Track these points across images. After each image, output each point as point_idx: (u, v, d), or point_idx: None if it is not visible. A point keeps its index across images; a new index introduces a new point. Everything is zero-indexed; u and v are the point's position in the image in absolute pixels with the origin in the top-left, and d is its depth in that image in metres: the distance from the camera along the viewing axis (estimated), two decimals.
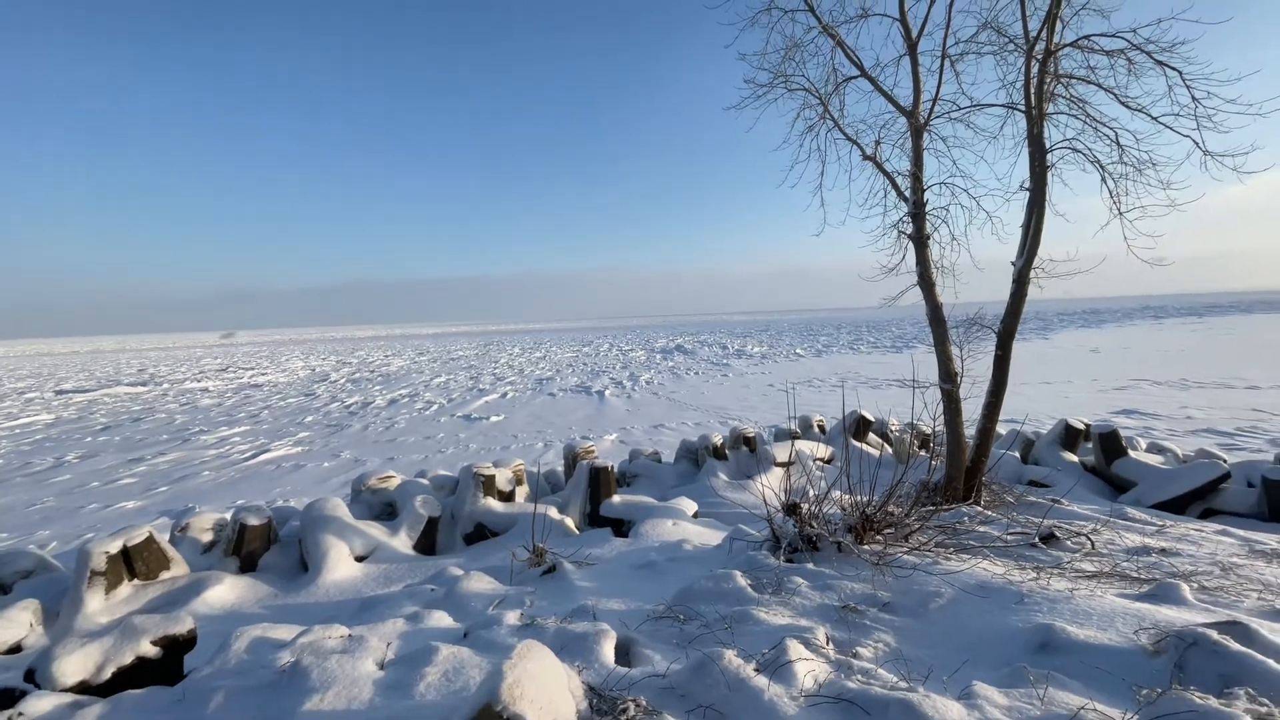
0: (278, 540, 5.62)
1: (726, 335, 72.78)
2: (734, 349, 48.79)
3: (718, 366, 35.36)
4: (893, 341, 50.03)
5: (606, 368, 36.98)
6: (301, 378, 37.32)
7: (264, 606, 4.74)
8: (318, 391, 29.57)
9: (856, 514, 4.39)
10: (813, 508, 4.45)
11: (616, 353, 50.40)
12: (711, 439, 8.08)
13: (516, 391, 27.10)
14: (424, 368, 42.04)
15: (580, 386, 28.38)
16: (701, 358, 41.98)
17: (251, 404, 25.67)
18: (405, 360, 50.33)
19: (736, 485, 6.95)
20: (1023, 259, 6.28)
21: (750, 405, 20.35)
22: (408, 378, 35.29)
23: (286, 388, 31.85)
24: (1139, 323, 62.72)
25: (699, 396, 23.28)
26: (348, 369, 43.01)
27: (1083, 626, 2.91)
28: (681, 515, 6.05)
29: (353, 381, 34.00)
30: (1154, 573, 4.02)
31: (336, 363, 50.02)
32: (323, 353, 66.73)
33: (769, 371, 31.76)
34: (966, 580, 3.56)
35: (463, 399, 25.13)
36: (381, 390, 29.29)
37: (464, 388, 29.20)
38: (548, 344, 68.66)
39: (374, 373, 39.27)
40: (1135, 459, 7.66)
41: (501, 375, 34.78)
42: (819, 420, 9.67)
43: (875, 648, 2.98)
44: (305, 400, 26.43)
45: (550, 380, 31.34)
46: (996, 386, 6.48)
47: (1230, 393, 19.16)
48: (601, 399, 23.87)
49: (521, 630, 3.20)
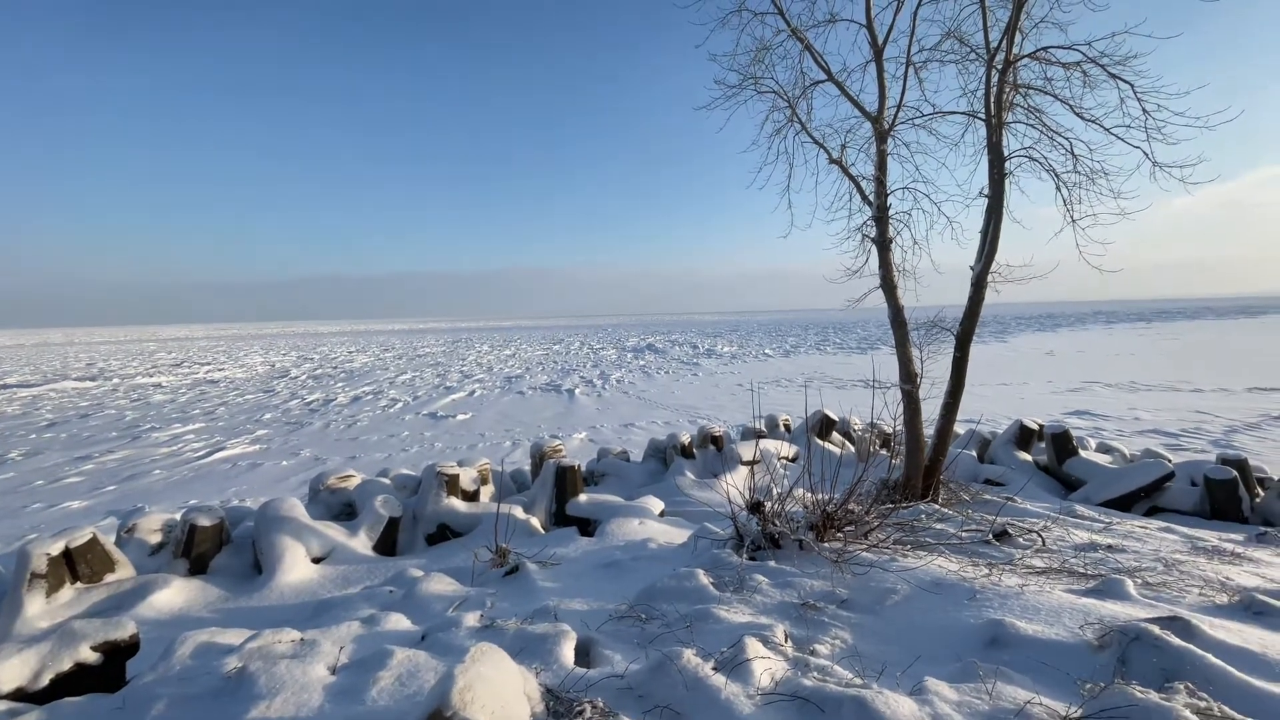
0: (230, 541, 5.45)
1: (698, 335, 73.19)
2: (704, 348, 49.11)
3: (688, 366, 35.55)
4: (858, 343, 51.00)
5: (577, 366, 36.83)
6: (261, 373, 36.30)
7: (214, 610, 4.59)
8: (277, 388, 28.80)
9: (818, 512, 4.44)
10: (776, 506, 4.49)
11: (587, 351, 50.21)
12: (680, 438, 8.13)
13: (485, 389, 26.81)
14: (389, 364, 41.29)
15: (550, 385, 28.19)
16: (672, 357, 42.14)
17: (207, 400, 24.87)
18: (370, 356, 49.39)
19: (703, 484, 6.98)
20: (981, 263, 6.44)
21: (719, 404, 20.50)
22: (372, 374, 34.62)
23: (244, 384, 30.95)
24: (1092, 327, 65.03)
25: (669, 395, 23.36)
26: (309, 365, 42.01)
27: (1031, 622, 2.99)
28: (648, 514, 6.05)
29: (314, 378, 33.21)
30: (1101, 569, 4.15)
31: (298, 358, 48.81)
32: (283, 348, 65.01)
33: (738, 371, 32.05)
34: (922, 577, 3.63)
35: (429, 397, 24.75)
36: (344, 387, 28.67)
37: (430, 385, 28.76)
38: (518, 341, 68.08)
39: (337, 369, 38.44)
40: (1085, 458, 7.93)
41: (470, 373, 34.36)
42: (785, 419, 9.80)
43: (832, 644, 3.02)
44: (264, 397, 25.72)
45: (520, 378, 31.09)
46: (955, 387, 6.63)
47: (1176, 395, 19.99)
48: (571, 397, 23.76)
49: (481, 632, 3.16)
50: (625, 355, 44.67)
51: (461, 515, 5.98)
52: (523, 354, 48.40)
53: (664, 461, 8.10)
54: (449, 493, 6.14)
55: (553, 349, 54.21)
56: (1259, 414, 16.26)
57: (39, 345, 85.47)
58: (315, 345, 69.63)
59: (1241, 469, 7.05)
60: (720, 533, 4.78)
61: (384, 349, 60.27)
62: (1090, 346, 41.05)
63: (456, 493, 6.22)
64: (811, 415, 8.90)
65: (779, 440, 8.64)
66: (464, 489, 6.29)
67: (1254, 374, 24.19)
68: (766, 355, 41.58)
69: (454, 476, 6.23)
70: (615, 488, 7.39)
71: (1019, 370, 28.18)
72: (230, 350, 61.95)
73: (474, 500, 6.37)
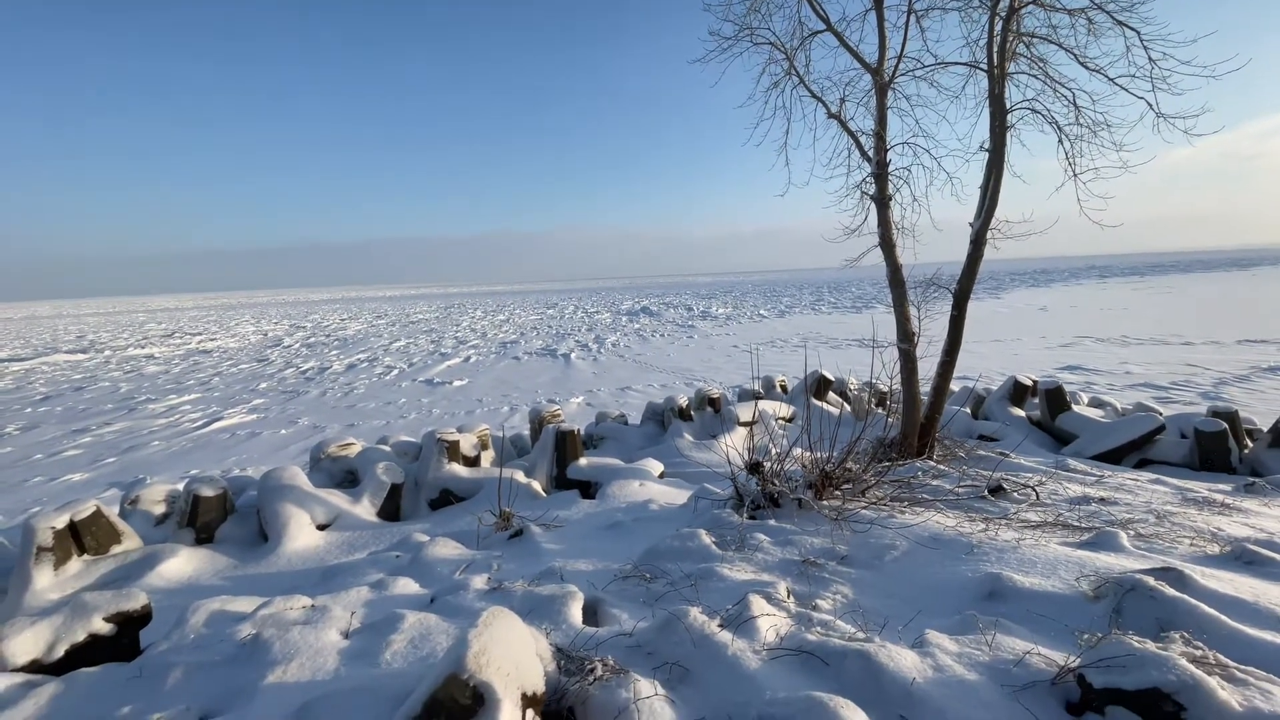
0: (234, 511, 5.48)
1: (692, 297, 72.98)
2: (699, 311, 49.05)
3: (683, 328, 35.26)
4: (853, 302, 51.00)
5: (572, 330, 36.75)
6: (253, 343, 36.08)
7: (223, 578, 4.65)
8: (271, 357, 28.67)
9: (816, 471, 4.49)
10: (775, 466, 4.54)
11: (582, 315, 50.06)
12: (677, 400, 8.17)
13: (480, 355, 26.78)
14: (382, 331, 41.06)
15: (545, 349, 28.07)
16: (667, 320, 42.11)
17: (201, 371, 24.76)
18: (362, 324, 49.09)
19: (702, 445, 7.03)
20: (980, 220, 6.38)
21: (715, 366, 20.60)
22: (366, 342, 34.46)
23: (238, 353, 30.79)
24: (1085, 282, 65.07)
25: (665, 358, 23.49)
26: (302, 333, 41.75)
27: (1028, 575, 3.06)
28: (648, 476, 6.12)
29: (308, 346, 33.05)
30: (1094, 521, 4.23)
31: (290, 327, 48.48)
32: (275, 317, 64.52)
33: (733, 333, 32.07)
34: (920, 533, 3.69)
35: (424, 363, 24.70)
36: (339, 355, 28.56)
37: (425, 352, 28.66)
38: (511, 306, 67.74)
39: (330, 337, 38.22)
40: (1078, 413, 8.02)
41: (464, 339, 34.22)
42: (781, 380, 9.83)
43: (834, 600, 3.08)
44: (258, 366, 25.62)
45: (514, 344, 31.03)
46: (951, 345, 6.64)
47: (1166, 349, 20.14)
48: (567, 362, 23.80)
49: (489, 594, 3.21)
50: (620, 319, 44.57)
51: (463, 480, 6.02)
52: (517, 319, 48.18)
53: (662, 424, 8.16)
54: (450, 458, 6.17)
55: (547, 313, 53.93)
56: (1248, 366, 16.43)
57: (27, 319, 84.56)
58: (307, 313, 69.11)
59: (1231, 421, 7.14)
60: (720, 493, 4.83)
61: (377, 316, 59.88)
62: (1083, 301, 41.13)
63: (457, 458, 6.25)
64: (808, 376, 8.91)
65: (776, 401, 8.68)
66: (464, 454, 6.32)
67: (1244, 326, 24.35)
68: (762, 316, 41.54)
69: (454, 442, 6.25)
70: (614, 451, 7.44)
71: (1013, 327, 28.27)
72: (221, 320, 61.43)
73: (475, 465, 6.41)
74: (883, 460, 5.75)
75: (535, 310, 59.11)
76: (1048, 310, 36.12)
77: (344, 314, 65.28)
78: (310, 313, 71.17)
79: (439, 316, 55.10)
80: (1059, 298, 45.63)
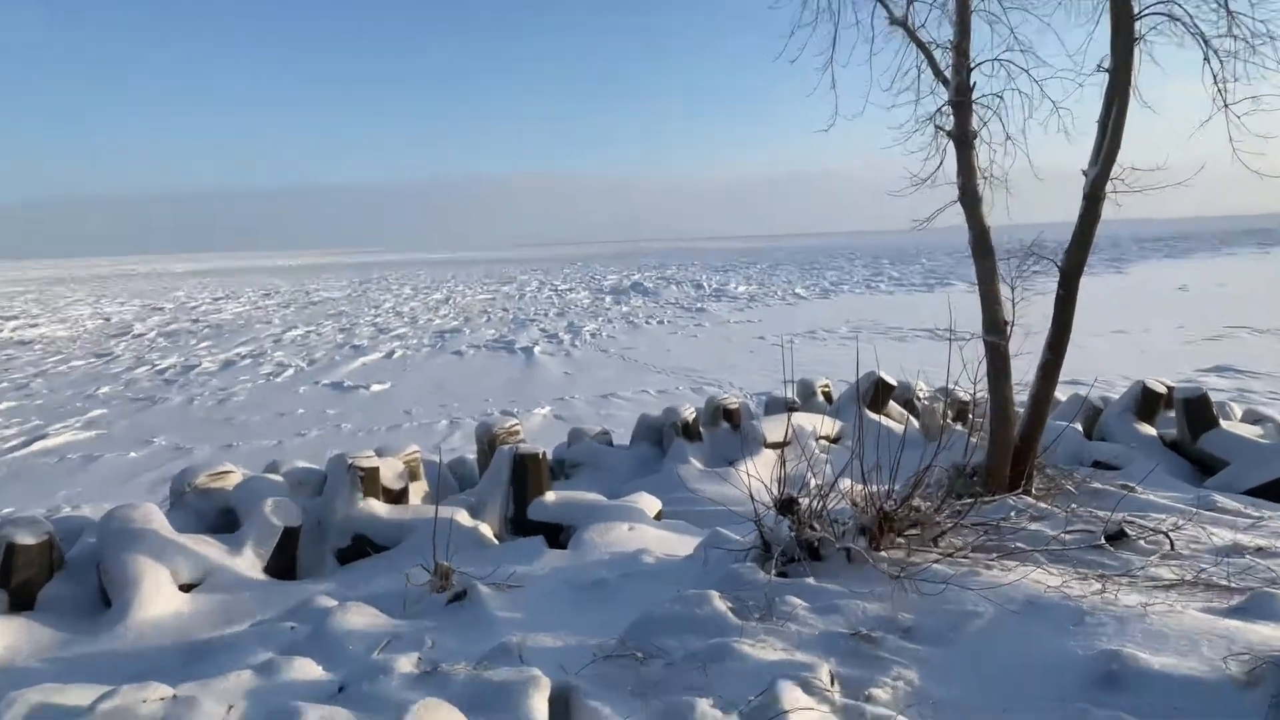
0: (64, 565, 5.45)
1: (702, 269, 72.82)
2: (712, 288, 49.29)
3: (690, 312, 35.87)
4: (923, 277, 51.41)
5: (537, 315, 36.84)
6: (91, 330, 35.92)
7: (48, 659, 4.62)
8: (116, 351, 28.55)
9: (872, 511, 4.48)
10: (815, 503, 4.52)
11: (550, 294, 50.06)
12: (681, 412, 8.22)
13: (408, 349, 26.85)
14: (272, 315, 40.95)
15: (499, 341, 28.38)
16: (668, 300, 42.35)
17: (16, 369, 24.61)
18: (244, 305, 48.91)
19: (714, 475, 7.06)
20: (1097, 166, 6.40)
21: (733, 365, 20.79)
22: (249, 330, 34.36)
23: (69, 345, 30.64)
24: (1239, 252, 65.73)
25: (664, 354, 23.73)
26: (160, 317, 41.60)
27: (1158, 652, 3.10)
28: (640, 517, 6.14)
29: (167, 336, 32.93)
30: (1248, 580, 4.25)
31: (142, 308, 48.27)
32: (120, 294, 64.15)
33: (759, 319, 32.32)
34: (1012, 595, 3.70)
35: (331, 360, 24.67)
36: (211, 348, 28.46)
37: (332, 344, 28.62)
38: (452, 281, 67.68)
39: (199, 323, 38.11)
40: (1228, 431, 8.11)
41: (387, 326, 34.27)
42: (824, 385, 9.92)
43: (895, 688, 3.10)
44: (98, 363, 25.51)
45: (457, 333, 31.08)
46: (1057, 338, 6.66)
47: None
48: (530, 358, 23.93)
49: (420, 681, 3.22)
50: (602, 299, 44.73)
51: (384, 523, 6.00)
52: (460, 299, 48.23)
53: (659, 445, 8.23)
54: (366, 492, 6.15)
55: (501, 291, 53.92)
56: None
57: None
58: (167, 290, 68.79)
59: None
60: (739, 540, 4.85)
61: (264, 293, 59.68)
62: (1236, 278, 41.56)
63: (376, 492, 6.23)
64: (861, 379, 8.98)
65: (816, 414, 8.72)
66: (386, 486, 6.30)
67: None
68: (798, 297, 41.90)
69: (372, 470, 6.23)
70: (594, 481, 7.50)
71: (1140, 312, 28.58)
72: (44, 298, 61.05)
73: (401, 502, 6.40)
74: (962, 496, 5.72)
75: (485, 287, 59.08)
76: (1188, 290, 36.53)
77: (218, 291, 65.03)
78: (172, 288, 70.88)
79: (352, 295, 55.00)
80: (1203, 273, 46.12)
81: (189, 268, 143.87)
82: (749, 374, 19.68)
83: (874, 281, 51.12)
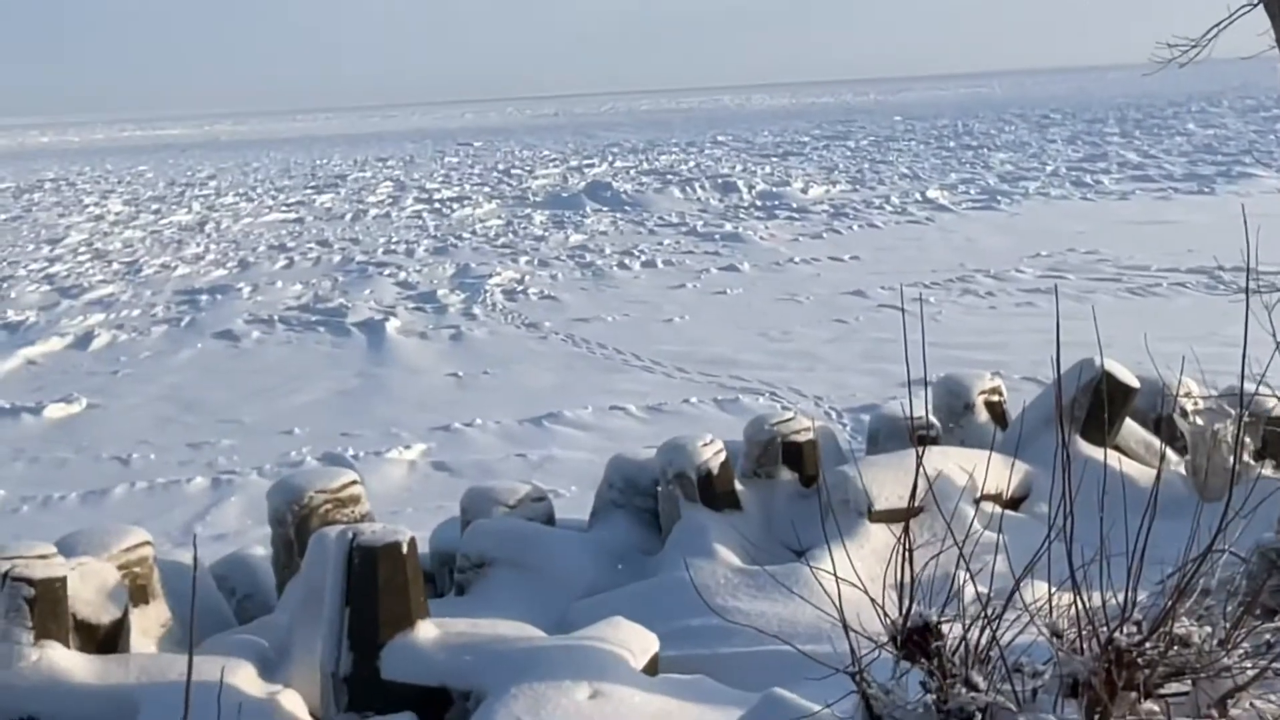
0: None
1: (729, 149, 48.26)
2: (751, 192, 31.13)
3: (710, 242, 22.89)
4: (1188, 163, 32.49)
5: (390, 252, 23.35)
6: None
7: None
8: None
9: (1093, 646, 3.24)
10: (975, 633, 3.25)
11: (415, 204, 32.45)
12: (695, 451, 5.89)
13: (125, 328, 16.70)
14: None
15: (314, 309, 17.70)
16: (662, 216, 27.18)
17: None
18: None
19: (765, 578, 5.12)
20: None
21: (802, 352, 13.17)
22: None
23: None
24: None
25: (656, 332, 14.83)
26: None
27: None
28: (614, 668, 4.34)
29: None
30: None
31: None
32: None
33: (853, 253, 20.44)
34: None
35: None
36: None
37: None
38: (211, 181, 43.80)
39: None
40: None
41: (76, 279, 21.43)
42: (989, 389, 7.10)
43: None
44: None
45: (224, 293, 19.27)
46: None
47: None
48: (377, 344, 15.00)
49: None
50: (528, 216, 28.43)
51: (77, 695, 4.38)
52: (228, 219, 30.66)
53: (651, 518, 6.12)
54: (39, 631, 4.44)
55: (315, 203, 34.31)
56: None
57: None
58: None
59: None
60: (816, 711, 3.53)
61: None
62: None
63: (62, 629, 4.53)
64: (1067, 374, 6.26)
65: (975, 451, 6.25)
66: (83, 619, 4.66)
67: None
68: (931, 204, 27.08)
69: (51, 586, 4.54)
70: (517, 597, 5.53)
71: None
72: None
73: (112, 648, 4.73)
74: (1274, 609, 3.97)
75: (283, 192, 38.09)
76: None
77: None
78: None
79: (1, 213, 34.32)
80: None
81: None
82: (834, 368, 12.49)
83: (1087, 170, 32.93)
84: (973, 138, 49.98)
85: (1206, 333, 11.98)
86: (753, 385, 12.16)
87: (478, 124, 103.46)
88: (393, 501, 8.59)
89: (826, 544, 4.68)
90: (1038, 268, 18.46)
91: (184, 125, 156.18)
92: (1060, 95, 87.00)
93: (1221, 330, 11.94)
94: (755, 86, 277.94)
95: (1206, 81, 65.79)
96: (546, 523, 6.38)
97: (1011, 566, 3.25)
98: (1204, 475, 6.21)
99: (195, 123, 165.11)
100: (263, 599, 5.84)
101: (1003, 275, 18.04)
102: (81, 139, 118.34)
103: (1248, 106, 56.04)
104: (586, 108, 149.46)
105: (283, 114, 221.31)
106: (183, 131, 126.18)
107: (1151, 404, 6.97)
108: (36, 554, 4.40)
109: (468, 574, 6.01)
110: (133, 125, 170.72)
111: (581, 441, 10.40)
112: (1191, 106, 58.55)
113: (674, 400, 11.80)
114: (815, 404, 11.15)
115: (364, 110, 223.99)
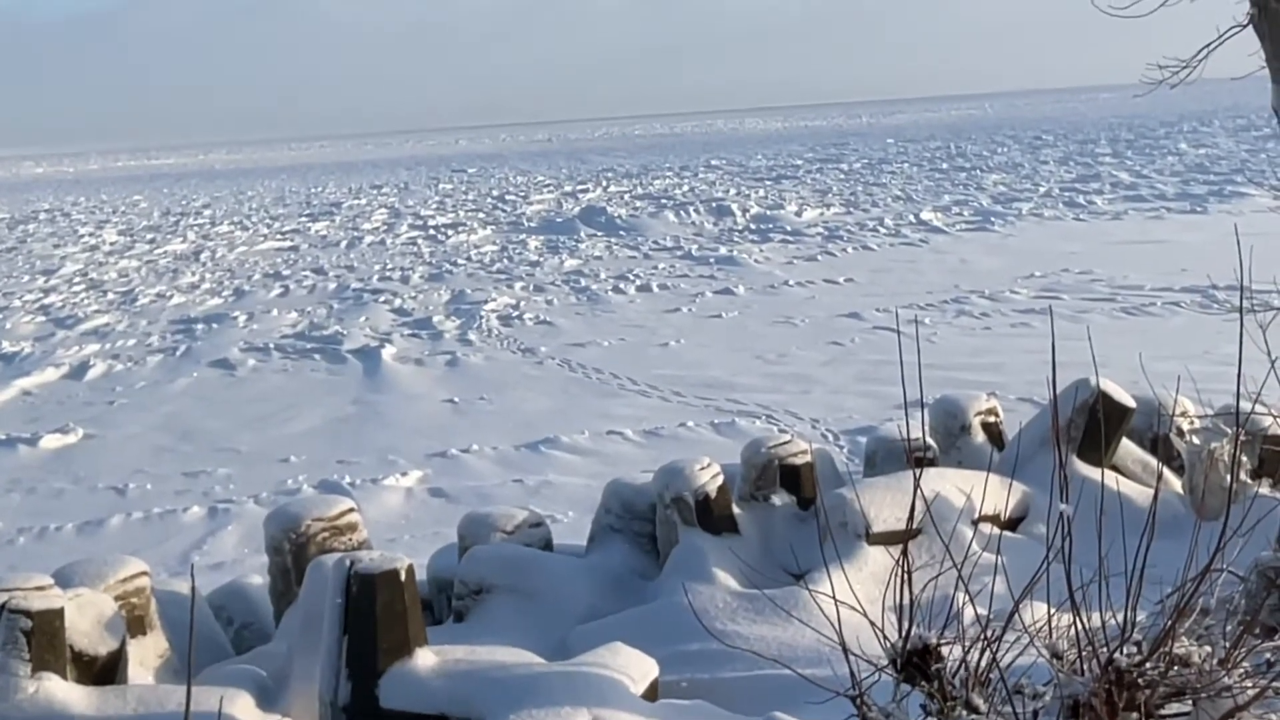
0: None
1: (726, 173, 49.73)
2: (745, 215, 32.08)
3: (699, 263, 23.91)
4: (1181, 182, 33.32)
5: (386, 279, 23.94)
6: None
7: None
8: None
9: (1093, 666, 3.29)
10: (974, 654, 3.30)
11: (410, 231, 33.21)
12: (693, 474, 5.97)
13: (121, 358, 17.05)
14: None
15: (310, 335, 18.20)
16: (657, 240, 27.80)
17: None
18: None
19: (763, 602, 5.17)
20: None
21: (798, 375, 13.54)
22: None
23: None
24: None
25: (646, 355, 15.33)
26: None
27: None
28: (613, 694, 4.33)
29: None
30: None
31: None
32: None
33: (848, 275, 20.96)
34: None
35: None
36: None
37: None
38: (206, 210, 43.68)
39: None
40: None
41: (69, 310, 21.83)
42: (985, 410, 7.20)
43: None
44: None
45: (220, 321, 19.80)
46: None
47: None
48: (374, 371, 15.40)
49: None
50: (523, 242, 28.98)
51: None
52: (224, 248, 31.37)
53: (649, 543, 6.16)
54: (36, 662, 4.39)
55: (311, 230, 35.27)
56: None
57: None
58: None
59: None
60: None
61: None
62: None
63: (59, 660, 4.47)
64: (1063, 394, 6.32)
65: (972, 472, 6.37)
66: (80, 650, 4.61)
67: None
68: (925, 226, 27.79)
69: (48, 617, 4.47)
70: (515, 624, 5.56)
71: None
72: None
73: (110, 680, 4.66)
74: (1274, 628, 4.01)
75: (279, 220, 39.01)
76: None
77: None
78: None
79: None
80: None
81: None
82: (830, 391, 12.79)
83: (1079, 191, 33.63)
84: (965, 159, 50.53)
85: (1201, 351, 12.17)
86: (749, 408, 12.42)
87: (471, 150, 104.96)
88: (390, 529, 8.72)
89: (825, 567, 4.73)
90: (1032, 288, 18.86)
91: (179, 154, 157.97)
92: (1052, 116, 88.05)
93: (1216, 349, 12.18)
94: (748, 110, 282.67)
95: (1198, 102, 67.64)
96: (544, 548, 6.44)
97: (1010, 588, 3.29)
98: (1201, 494, 6.27)
99: (190, 152, 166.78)
100: (260, 628, 5.85)
101: (997, 296, 18.53)
102: (76, 169, 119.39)
103: (1239, 126, 56.99)
104: (580, 133, 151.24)
105: (277, 142, 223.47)
106: (177, 160, 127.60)
107: (1148, 423, 7.02)
108: (33, 585, 4.44)
109: (466, 600, 6.05)
110: (127, 155, 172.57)
111: (578, 466, 10.61)
112: (1183, 126, 59.42)
113: (670, 424, 12.00)
114: (812, 426, 11.36)
115: (358, 138, 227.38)
